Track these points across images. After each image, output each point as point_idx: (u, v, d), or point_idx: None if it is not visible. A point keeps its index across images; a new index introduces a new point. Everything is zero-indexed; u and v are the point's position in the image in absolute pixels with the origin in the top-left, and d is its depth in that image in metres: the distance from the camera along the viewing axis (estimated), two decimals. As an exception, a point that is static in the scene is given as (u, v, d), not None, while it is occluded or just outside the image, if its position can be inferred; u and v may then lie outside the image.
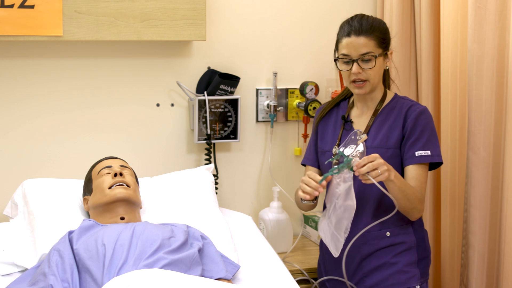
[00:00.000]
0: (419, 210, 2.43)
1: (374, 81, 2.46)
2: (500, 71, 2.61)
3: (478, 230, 2.70)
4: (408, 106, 2.50)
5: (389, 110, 2.53)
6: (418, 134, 2.45)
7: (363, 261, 2.51)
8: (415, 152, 2.44)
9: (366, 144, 2.46)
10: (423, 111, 2.48)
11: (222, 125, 3.15)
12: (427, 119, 2.48)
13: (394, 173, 2.32)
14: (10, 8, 2.73)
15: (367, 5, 3.33)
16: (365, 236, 2.47)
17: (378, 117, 2.53)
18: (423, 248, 2.54)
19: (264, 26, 3.23)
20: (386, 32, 2.48)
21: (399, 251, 2.49)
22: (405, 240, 2.50)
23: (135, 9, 2.88)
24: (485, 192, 2.68)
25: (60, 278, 2.20)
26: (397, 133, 2.48)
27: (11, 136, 2.95)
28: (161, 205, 2.74)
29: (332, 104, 2.67)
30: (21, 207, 2.68)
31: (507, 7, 2.56)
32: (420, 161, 2.44)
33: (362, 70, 2.42)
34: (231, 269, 2.48)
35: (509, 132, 2.54)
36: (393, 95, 2.57)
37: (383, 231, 2.48)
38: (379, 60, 2.43)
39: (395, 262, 2.48)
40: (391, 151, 2.47)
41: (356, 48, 2.41)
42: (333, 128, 2.62)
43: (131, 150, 3.07)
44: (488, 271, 2.70)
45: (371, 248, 2.50)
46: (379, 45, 2.44)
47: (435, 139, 2.48)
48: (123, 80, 3.06)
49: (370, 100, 2.56)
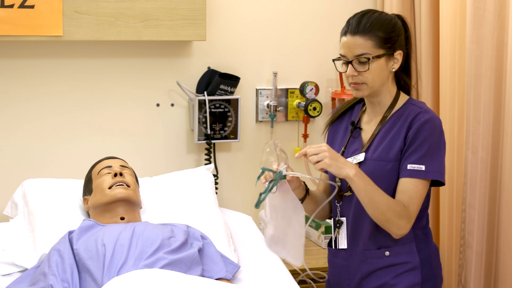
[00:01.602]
0: (398, 226, 2.18)
1: (373, 84, 2.23)
2: (499, 71, 2.62)
3: (476, 230, 2.70)
4: (416, 113, 2.24)
5: (396, 117, 2.28)
6: (417, 145, 2.20)
7: (363, 280, 2.33)
8: (408, 164, 2.20)
9: (367, 155, 2.28)
10: (428, 120, 2.21)
11: (222, 125, 3.15)
12: (431, 130, 2.21)
13: (357, 172, 2.13)
14: (10, 8, 2.73)
15: (367, 5, 3.33)
16: (364, 255, 2.31)
17: (385, 125, 2.29)
18: (429, 268, 2.32)
19: (264, 26, 3.23)
20: (392, 31, 2.22)
21: (400, 272, 2.29)
22: (407, 260, 2.28)
23: (135, 9, 2.88)
24: (483, 192, 2.68)
25: (60, 278, 2.21)
26: (399, 144, 2.24)
27: (11, 136, 2.95)
28: (161, 205, 2.74)
29: (346, 107, 2.45)
30: (21, 207, 2.69)
31: (506, 7, 2.56)
32: (411, 175, 2.19)
33: (357, 72, 2.21)
34: (231, 269, 2.48)
35: (507, 132, 2.55)
36: (406, 100, 2.31)
37: (382, 250, 2.29)
38: (377, 62, 2.20)
39: (394, 284, 2.29)
40: (391, 164, 2.24)
41: (351, 49, 2.20)
42: (343, 133, 2.42)
43: (131, 150, 3.07)
44: (486, 271, 2.71)
45: (371, 267, 2.31)
46: (380, 45, 2.20)
47: (436, 154, 2.22)
48: (123, 80, 3.06)
49: (378, 105, 2.32)
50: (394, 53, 2.24)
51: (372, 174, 2.21)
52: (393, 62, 2.25)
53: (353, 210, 2.32)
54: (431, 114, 2.24)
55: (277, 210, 2.22)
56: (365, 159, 2.28)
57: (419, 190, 2.20)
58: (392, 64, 2.25)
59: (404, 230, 2.20)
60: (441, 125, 2.26)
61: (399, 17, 2.30)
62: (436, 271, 2.36)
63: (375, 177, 2.20)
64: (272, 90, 3.21)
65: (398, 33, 2.25)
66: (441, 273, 2.39)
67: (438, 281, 2.37)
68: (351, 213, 2.33)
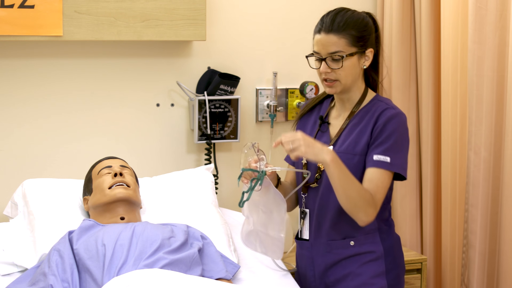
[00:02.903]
0: (366, 213, 2.24)
1: (345, 81, 2.30)
2: (501, 71, 2.62)
3: (479, 230, 2.70)
4: (382, 109, 2.32)
5: (364, 113, 2.35)
6: (384, 138, 2.27)
7: (328, 270, 2.40)
8: (374, 155, 2.27)
9: (335, 148, 2.34)
10: (395, 115, 2.29)
11: (222, 125, 3.14)
12: (397, 125, 2.29)
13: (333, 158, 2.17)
14: (10, 8, 2.73)
15: (367, 5, 3.33)
16: (329, 245, 2.38)
17: (352, 120, 2.37)
18: (392, 257, 2.39)
19: (264, 26, 3.23)
20: (365, 30, 2.30)
21: (365, 261, 2.35)
22: (371, 249, 2.35)
23: (135, 9, 2.88)
24: (485, 192, 2.68)
25: (60, 278, 2.20)
26: (365, 139, 2.31)
27: (11, 136, 2.94)
28: (161, 205, 2.74)
29: (315, 102, 2.52)
30: (21, 207, 2.68)
31: (507, 7, 2.56)
32: (377, 166, 2.26)
33: (331, 70, 2.28)
34: (231, 269, 2.48)
35: (509, 132, 2.54)
36: (373, 96, 2.39)
37: (347, 240, 2.35)
38: (350, 59, 2.27)
39: (360, 273, 2.35)
40: (358, 157, 2.31)
41: (325, 47, 2.27)
42: (311, 127, 2.48)
43: (131, 150, 3.07)
44: (488, 271, 2.71)
45: (336, 257, 2.38)
46: (353, 44, 2.27)
47: (400, 149, 2.29)
48: (123, 80, 3.06)
49: (347, 101, 2.39)
50: (365, 51, 2.32)
51: None
52: (364, 60, 2.33)
53: (319, 202, 2.38)
54: (397, 110, 2.32)
55: (257, 205, 2.29)
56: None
57: (384, 180, 2.27)
58: (363, 61, 2.33)
59: (371, 217, 2.26)
60: (406, 122, 2.33)
61: (370, 16, 2.37)
62: (399, 260, 2.43)
63: None
64: (272, 90, 3.21)
65: (370, 31, 2.33)
66: (403, 262, 2.46)
67: (400, 270, 2.44)
68: (316, 205, 2.40)
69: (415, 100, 3.15)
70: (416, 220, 3.20)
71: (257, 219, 2.32)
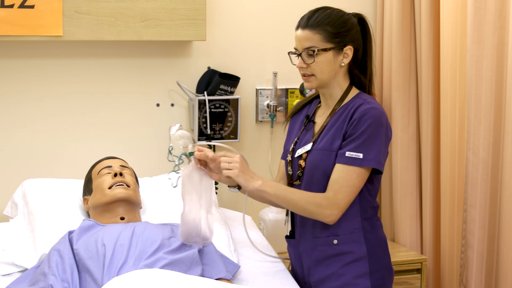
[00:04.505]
0: (324, 216, 2.27)
1: (321, 76, 2.32)
2: (500, 71, 2.62)
3: (478, 230, 2.70)
4: (358, 105, 2.32)
5: (343, 110, 2.36)
6: (358, 134, 2.27)
7: (312, 269, 2.40)
8: (346, 152, 2.28)
9: (314, 145, 2.37)
10: (368, 110, 2.29)
11: (222, 125, 3.15)
12: (372, 120, 2.27)
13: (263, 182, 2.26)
14: (10, 8, 2.73)
15: (367, 5, 3.33)
16: (314, 242, 2.39)
17: (332, 117, 2.38)
18: (376, 258, 2.37)
19: (264, 26, 3.23)
20: (342, 26, 2.31)
21: (348, 261, 2.35)
22: (355, 249, 2.34)
23: (135, 9, 2.88)
24: (484, 192, 2.68)
25: (60, 278, 2.20)
26: (342, 135, 2.32)
27: (11, 136, 2.95)
28: (161, 205, 2.74)
29: (305, 101, 2.56)
30: (21, 207, 2.68)
31: (506, 7, 2.56)
32: (346, 162, 2.27)
33: (306, 64, 2.32)
34: (231, 269, 2.48)
35: (508, 132, 2.54)
36: (355, 94, 2.39)
37: (330, 238, 2.36)
38: (324, 55, 2.30)
39: (342, 273, 2.35)
40: (334, 154, 2.32)
41: (301, 42, 2.32)
42: (299, 126, 2.51)
43: (131, 149, 3.07)
44: (487, 271, 2.71)
45: (320, 254, 2.38)
46: (328, 40, 2.29)
47: (375, 144, 2.27)
48: (123, 80, 3.06)
49: (329, 98, 2.41)
50: (343, 48, 2.33)
51: (315, 163, 2.34)
52: (343, 57, 2.34)
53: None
54: (372, 105, 2.31)
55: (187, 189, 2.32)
56: (312, 149, 2.38)
57: (350, 179, 2.27)
58: (341, 58, 2.34)
59: (331, 217, 2.28)
60: (382, 117, 2.31)
61: (358, 16, 2.39)
62: (384, 260, 2.41)
63: (317, 166, 2.34)
64: (272, 90, 3.21)
65: (348, 28, 2.33)
66: (390, 264, 2.45)
67: (386, 271, 2.42)
68: None
69: (415, 100, 3.16)
70: (416, 220, 3.20)
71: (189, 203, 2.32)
